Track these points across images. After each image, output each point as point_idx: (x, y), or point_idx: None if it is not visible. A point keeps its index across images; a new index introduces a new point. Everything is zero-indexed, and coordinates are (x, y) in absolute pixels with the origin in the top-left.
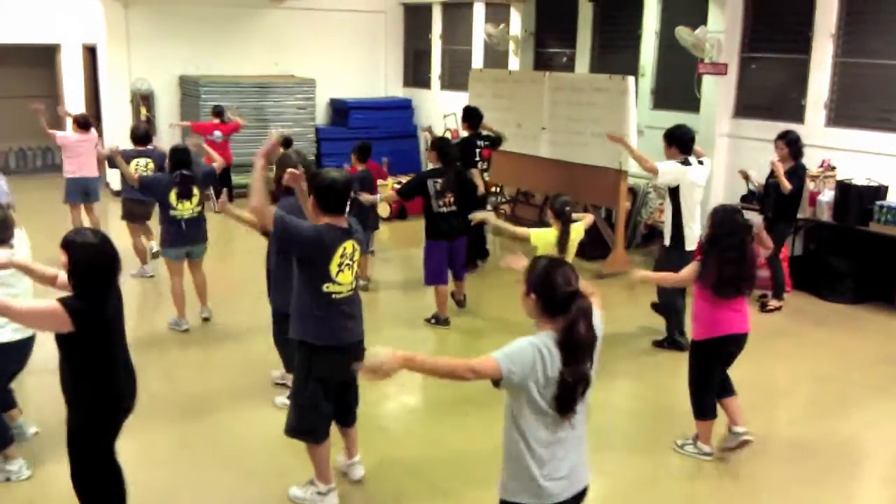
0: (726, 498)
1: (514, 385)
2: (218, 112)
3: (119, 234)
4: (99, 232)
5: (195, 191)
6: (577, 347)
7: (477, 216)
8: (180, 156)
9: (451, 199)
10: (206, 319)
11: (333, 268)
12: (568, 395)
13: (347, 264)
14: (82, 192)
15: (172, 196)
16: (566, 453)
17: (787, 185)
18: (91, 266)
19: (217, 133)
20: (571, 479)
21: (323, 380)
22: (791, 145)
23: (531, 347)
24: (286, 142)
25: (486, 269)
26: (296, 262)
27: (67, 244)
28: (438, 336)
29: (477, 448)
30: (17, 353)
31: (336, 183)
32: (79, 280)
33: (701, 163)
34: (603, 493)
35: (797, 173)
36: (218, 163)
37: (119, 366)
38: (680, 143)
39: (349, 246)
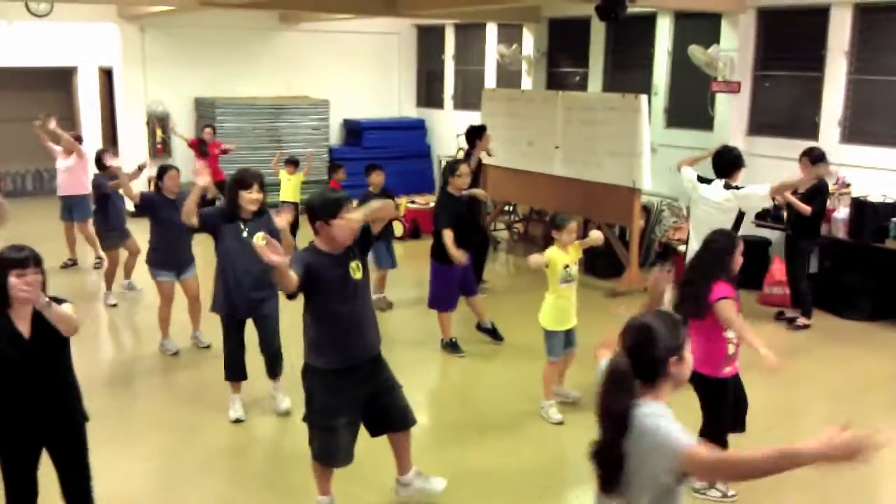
0: None
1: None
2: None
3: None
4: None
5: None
6: None
7: (474, 191)
8: (160, 173)
9: None
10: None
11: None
12: None
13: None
14: (67, 210)
15: None
16: None
17: (805, 209)
18: None
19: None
20: None
21: None
22: (815, 162)
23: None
24: (294, 161)
25: (493, 290)
26: None
27: None
28: (446, 357)
29: (495, 469)
30: None
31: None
32: None
33: (732, 187)
34: None
35: (820, 190)
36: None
37: None
38: (715, 162)
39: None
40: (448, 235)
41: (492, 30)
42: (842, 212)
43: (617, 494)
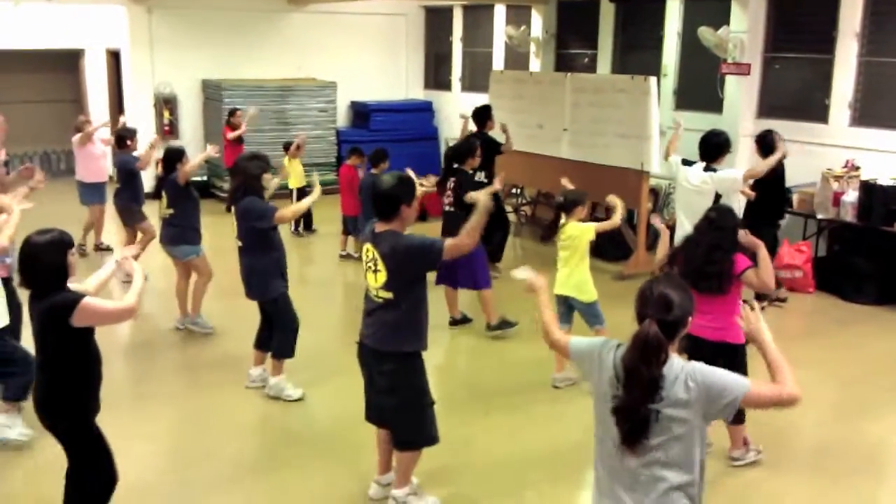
0: (747, 499)
1: None
2: (229, 114)
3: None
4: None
5: (163, 193)
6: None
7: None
8: (165, 156)
9: (451, 200)
10: (179, 328)
11: (363, 264)
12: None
13: (369, 267)
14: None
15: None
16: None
17: (749, 194)
18: None
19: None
20: None
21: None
22: (769, 149)
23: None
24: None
25: (501, 274)
26: None
27: None
28: (451, 337)
29: (501, 450)
30: None
31: (375, 188)
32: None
33: (711, 170)
34: None
35: (777, 174)
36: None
37: None
38: (701, 146)
39: (368, 250)
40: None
41: (500, 11)
42: (850, 195)
43: (641, 449)
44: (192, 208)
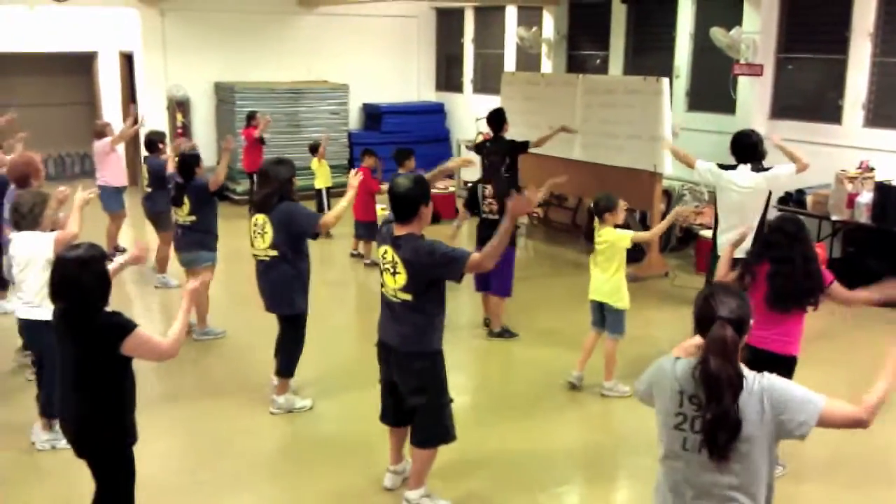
0: None
1: None
2: (248, 117)
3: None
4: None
5: (185, 199)
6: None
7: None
8: (181, 162)
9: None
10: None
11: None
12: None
13: (387, 269)
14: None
15: (171, 200)
16: None
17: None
18: None
19: (242, 138)
20: None
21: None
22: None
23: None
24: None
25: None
26: None
27: None
28: (463, 338)
29: (514, 452)
30: None
31: (392, 191)
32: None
33: (762, 169)
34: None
35: None
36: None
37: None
38: (731, 146)
39: (388, 252)
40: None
41: (511, 12)
42: (865, 196)
43: (730, 461)
44: (213, 214)
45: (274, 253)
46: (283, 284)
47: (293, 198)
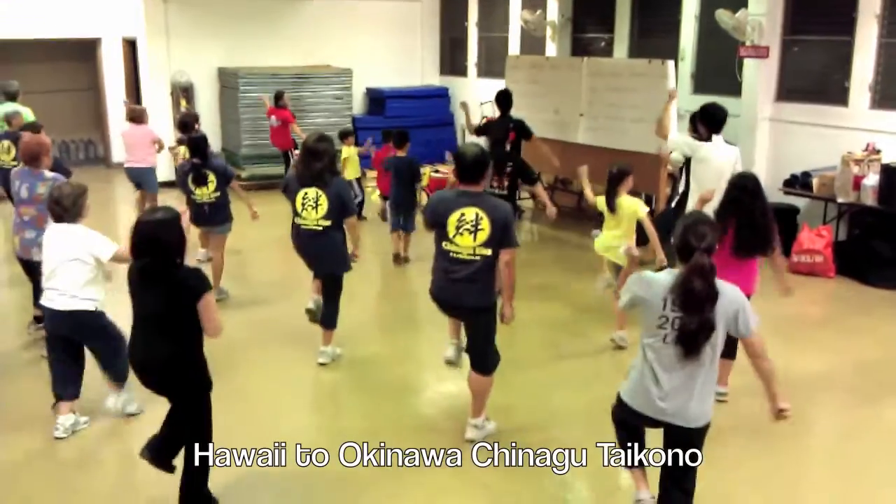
0: (767, 484)
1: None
2: (276, 97)
3: None
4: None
5: (210, 177)
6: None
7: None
8: (193, 144)
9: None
10: (218, 300)
11: (451, 229)
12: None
13: (466, 229)
14: (134, 181)
15: (190, 181)
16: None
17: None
18: None
19: (273, 118)
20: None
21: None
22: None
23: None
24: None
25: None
26: None
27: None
28: None
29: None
30: None
31: (463, 157)
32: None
33: (728, 142)
34: None
35: None
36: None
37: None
38: (704, 118)
39: (469, 212)
40: None
41: None
42: (871, 178)
43: (698, 354)
44: (227, 188)
45: (327, 223)
46: (335, 249)
47: (339, 172)
